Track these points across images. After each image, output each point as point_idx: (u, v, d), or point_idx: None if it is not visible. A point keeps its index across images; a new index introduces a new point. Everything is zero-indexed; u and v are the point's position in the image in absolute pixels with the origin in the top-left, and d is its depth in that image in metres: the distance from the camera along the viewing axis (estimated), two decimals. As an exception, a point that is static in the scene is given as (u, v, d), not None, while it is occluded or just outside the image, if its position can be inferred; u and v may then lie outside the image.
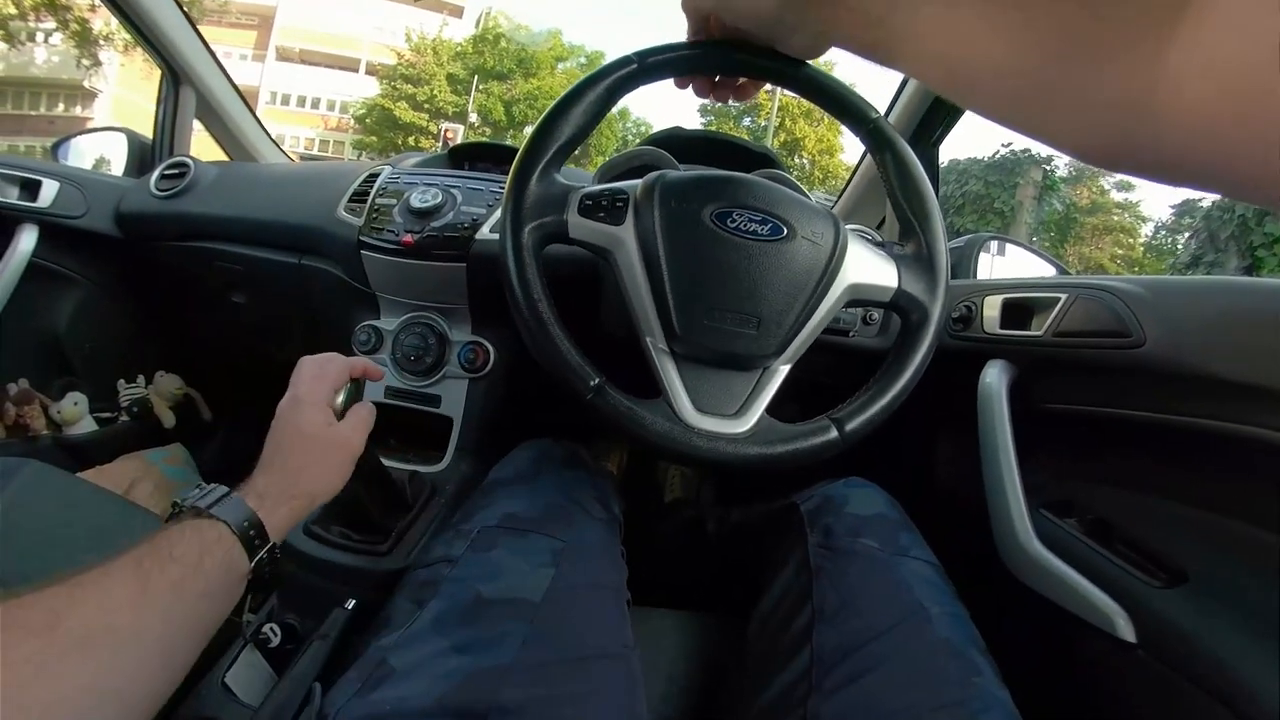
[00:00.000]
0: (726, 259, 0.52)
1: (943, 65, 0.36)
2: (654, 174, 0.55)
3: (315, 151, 24.53)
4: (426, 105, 19.93)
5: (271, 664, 0.63)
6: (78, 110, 19.06)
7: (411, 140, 19.81)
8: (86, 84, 17.92)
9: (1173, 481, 0.63)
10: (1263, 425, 0.51)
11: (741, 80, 0.57)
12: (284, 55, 25.60)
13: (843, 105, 0.58)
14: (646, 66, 0.54)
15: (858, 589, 0.53)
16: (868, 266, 0.56)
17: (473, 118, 20.50)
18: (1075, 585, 0.62)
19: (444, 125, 18.28)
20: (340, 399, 0.53)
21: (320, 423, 0.50)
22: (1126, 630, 0.58)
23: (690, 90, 0.58)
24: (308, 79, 25.82)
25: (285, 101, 25.69)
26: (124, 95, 17.15)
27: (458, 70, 20.53)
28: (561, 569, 0.51)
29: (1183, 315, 0.58)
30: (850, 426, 0.53)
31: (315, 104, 25.95)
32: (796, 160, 20.22)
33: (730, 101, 0.59)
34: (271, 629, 0.63)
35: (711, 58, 0.54)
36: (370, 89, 22.75)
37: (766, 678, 0.51)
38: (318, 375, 0.52)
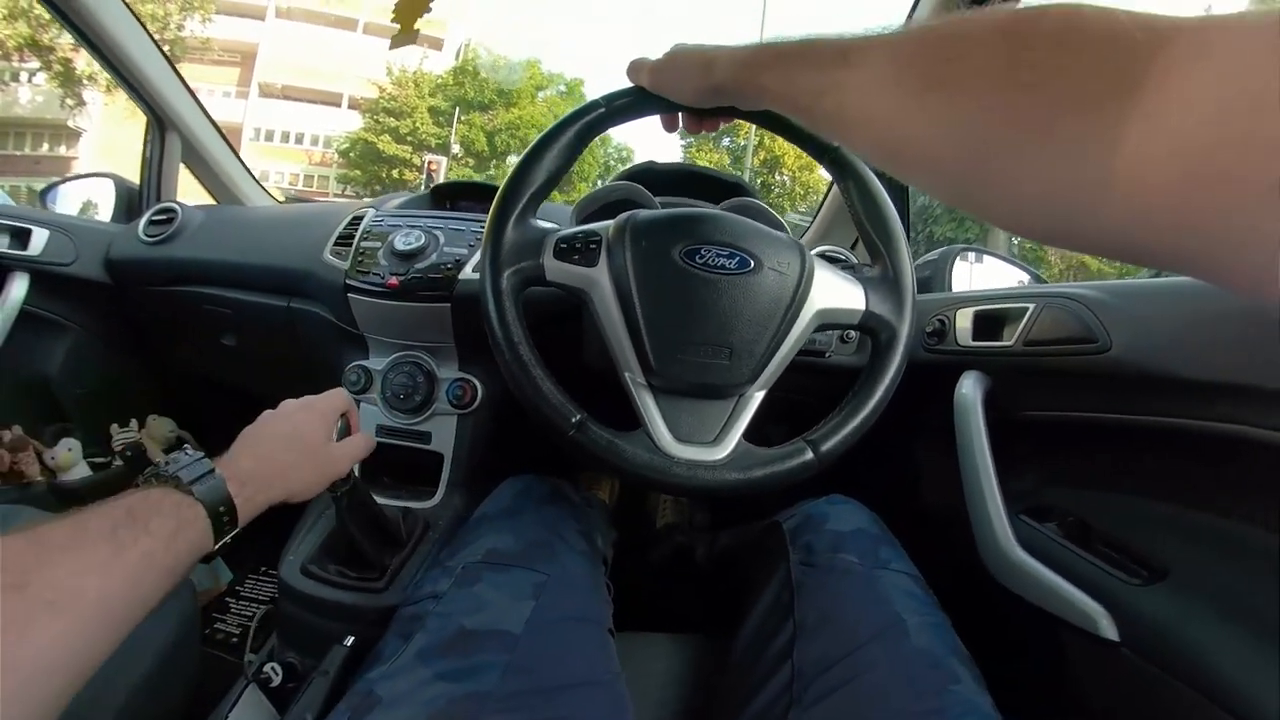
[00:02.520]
0: (697, 294, 0.54)
1: (878, 147, 0.35)
2: (625, 215, 0.58)
3: (300, 186, 24.46)
4: (409, 138, 19.97)
5: (274, 703, 0.63)
6: (63, 150, 19.03)
7: (395, 173, 19.85)
8: (71, 123, 17.96)
9: (1147, 480, 0.64)
10: (1226, 420, 0.53)
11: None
12: (266, 91, 25.63)
13: (803, 136, 0.60)
14: (613, 110, 0.57)
15: (837, 603, 0.54)
16: (835, 291, 0.58)
17: (455, 149, 20.57)
18: (1057, 588, 0.63)
19: (427, 157, 18.32)
20: (337, 427, 0.57)
21: (323, 435, 0.53)
22: (1109, 629, 0.59)
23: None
24: (291, 114, 25.79)
25: (269, 137, 25.65)
26: (110, 132, 17.13)
27: (439, 102, 20.62)
28: (542, 601, 0.52)
29: (1146, 319, 0.59)
30: (825, 448, 0.55)
31: (299, 139, 25.91)
32: (777, 177, 20.35)
33: (704, 132, 0.62)
34: (273, 668, 0.64)
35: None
36: (353, 123, 22.80)
37: (749, 695, 0.52)
38: (329, 398, 0.57)
